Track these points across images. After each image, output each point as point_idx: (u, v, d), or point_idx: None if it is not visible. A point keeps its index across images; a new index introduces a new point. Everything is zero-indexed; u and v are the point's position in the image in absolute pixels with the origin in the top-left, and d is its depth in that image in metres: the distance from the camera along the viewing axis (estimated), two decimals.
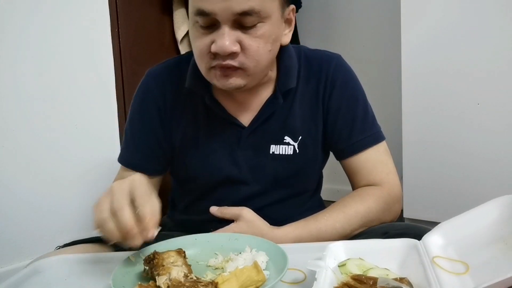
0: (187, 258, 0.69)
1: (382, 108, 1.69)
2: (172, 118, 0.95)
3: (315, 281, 0.56)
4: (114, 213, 0.62)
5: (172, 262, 0.64)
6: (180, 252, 0.67)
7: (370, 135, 0.94)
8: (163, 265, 0.63)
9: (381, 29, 2.26)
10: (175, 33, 1.97)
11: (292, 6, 0.87)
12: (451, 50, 1.67)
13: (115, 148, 1.72)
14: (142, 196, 0.63)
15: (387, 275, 0.58)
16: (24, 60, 1.54)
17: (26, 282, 0.71)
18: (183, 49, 2.00)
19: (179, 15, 1.95)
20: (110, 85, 1.77)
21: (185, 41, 2.00)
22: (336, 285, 0.57)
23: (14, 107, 1.53)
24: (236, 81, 0.82)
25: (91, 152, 1.70)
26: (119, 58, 1.78)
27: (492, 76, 1.60)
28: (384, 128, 0.99)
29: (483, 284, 0.49)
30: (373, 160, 0.93)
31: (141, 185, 0.65)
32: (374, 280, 0.55)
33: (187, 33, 1.96)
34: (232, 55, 0.78)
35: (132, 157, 0.98)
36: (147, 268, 0.66)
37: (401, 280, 0.56)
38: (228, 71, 0.80)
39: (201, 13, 0.76)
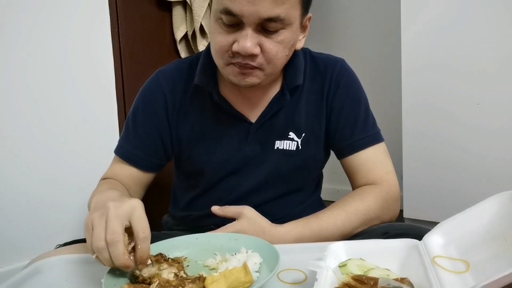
0: (184, 258, 0.70)
1: (382, 108, 1.70)
2: (180, 114, 0.97)
3: (315, 282, 0.56)
4: (109, 244, 0.60)
5: (157, 269, 0.64)
6: (159, 259, 0.66)
7: (371, 135, 0.96)
8: (151, 277, 0.63)
9: (381, 29, 2.26)
10: (174, 34, 1.97)
11: (310, 14, 0.90)
12: (451, 50, 1.67)
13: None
14: (144, 230, 0.62)
15: (388, 275, 0.58)
16: (23, 60, 1.54)
17: (27, 282, 0.71)
18: (182, 49, 2.00)
19: (177, 15, 1.95)
20: (110, 85, 1.77)
21: (184, 41, 2.01)
22: (337, 286, 0.57)
23: (14, 107, 1.53)
24: (252, 79, 0.85)
25: (91, 153, 1.70)
26: (119, 58, 1.78)
27: (492, 76, 1.60)
28: (384, 128, 1.00)
29: (483, 282, 0.49)
30: (373, 159, 0.95)
31: (141, 218, 0.63)
32: (375, 280, 0.55)
33: (186, 34, 1.97)
34: (252, 56, 0.81)
35: (132, 150, 0.98)
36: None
37: (402, 280, 0.56)
38: (247, 69, 0.83)
39: (228, 12, 0.78)
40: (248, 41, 0.78)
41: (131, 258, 0.62)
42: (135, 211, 0.64)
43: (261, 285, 0.59)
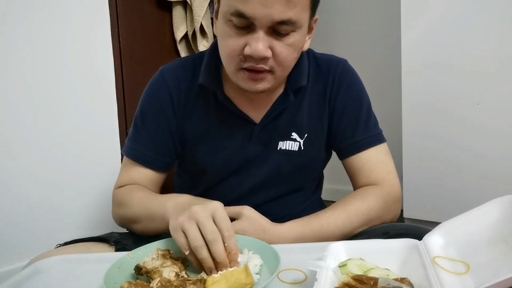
0: (184, 257, 0.70)
1: (382, 108, 1.69)
2: (185, 112, 0.97)
3: (315, 281, 0.56)
4: (211, 243, 0.66)
5: (161, 264, 0.65)
6: (165, 255, 0.68)
7: (373, 135, 0.96)
8: (153, 270, 0.64)
9: (381, 29, 2.26)
10: (174, 34, 1.97)
11: (316, 16, 0.90)
12: (451, 50, 1.67)
13: (115, 149, 1.72)
14: (228, 229, 0.68)
15: (388, 275, 0.58)
16: (23, 60, 1.54)
17: (27, 282, 0.71)
18: (182, 49, 2.00)
19: (177, 15, 1.95)
20: (110, 85, 1.77)
21: (184, 41, 2.01)
22: (337, 285, 0.57)
23: (14, 107, 1.53)
24: (264, 85, 0.85)
25: (91, 153, 1.70)
26: (119, 58, 1.79)
27: (492, 76, 1.60)
28: (384, 128, 1.00)
29: (484, 284, 0.48)
30: (375, 159, 0.95)
31: (224, 218, 0.69)
32: (375, 280, 0.55)
33: (186, 34, 1.97)
34: (264, 59, 0.81)
35: (143, 151, 0.97)
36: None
37: (402, 280, 0.56)
38: (258, 76, 0.83)
39: (240, 15, 0.77)
40: (260, 44, 0.78)
41: None
42: (217, 211, 0.69)
43: (262, 287, 0.59)
